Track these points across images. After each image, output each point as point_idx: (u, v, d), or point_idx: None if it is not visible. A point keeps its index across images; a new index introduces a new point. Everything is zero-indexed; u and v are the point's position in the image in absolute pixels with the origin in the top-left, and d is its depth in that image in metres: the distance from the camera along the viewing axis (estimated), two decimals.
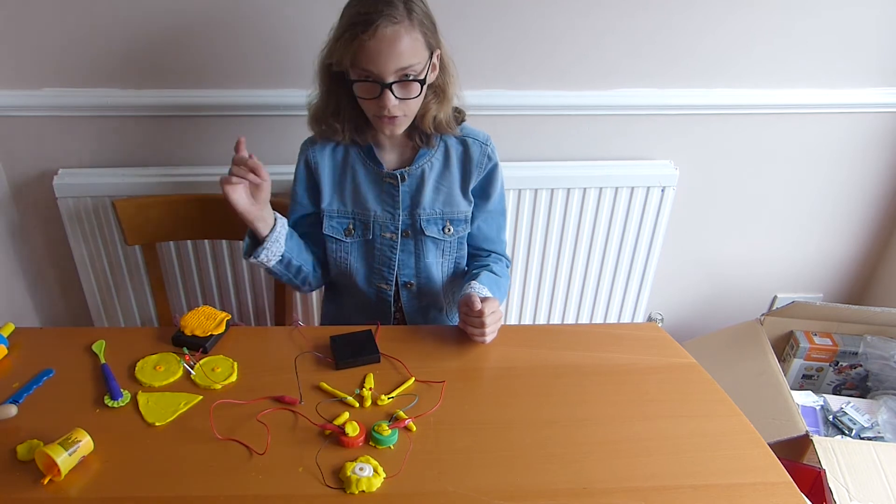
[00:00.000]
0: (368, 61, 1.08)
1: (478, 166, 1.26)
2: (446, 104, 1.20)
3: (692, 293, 2.04)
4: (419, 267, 1.31)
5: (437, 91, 1.19)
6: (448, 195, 1.27)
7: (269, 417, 1.01)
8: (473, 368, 1.13)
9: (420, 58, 1.10)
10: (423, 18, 1.11)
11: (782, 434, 1.46)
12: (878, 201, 1.91)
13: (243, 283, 1.76)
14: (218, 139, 1.62)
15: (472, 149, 1.26)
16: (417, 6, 1.10)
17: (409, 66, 1.09)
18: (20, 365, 1.10)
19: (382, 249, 1.29)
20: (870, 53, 1.66)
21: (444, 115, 1.21)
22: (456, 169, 1.27)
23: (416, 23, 1.09)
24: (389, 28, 1.06)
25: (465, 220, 1.30)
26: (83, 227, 1.63)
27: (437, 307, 1.38)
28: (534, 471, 0.94)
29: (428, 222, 1.27)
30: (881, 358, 1.77)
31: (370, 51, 1.07)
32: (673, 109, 1.68)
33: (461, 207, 1.29)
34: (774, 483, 0.93)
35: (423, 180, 1.25)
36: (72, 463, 0.90)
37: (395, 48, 1.07)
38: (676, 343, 1.20)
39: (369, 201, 1.26)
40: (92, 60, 1.49)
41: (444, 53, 1.17)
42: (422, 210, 1.26)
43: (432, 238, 1.28)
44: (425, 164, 1.25)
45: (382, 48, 1.06)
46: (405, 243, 1.29)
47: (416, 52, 1.09)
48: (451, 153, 1.26)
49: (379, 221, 1.27)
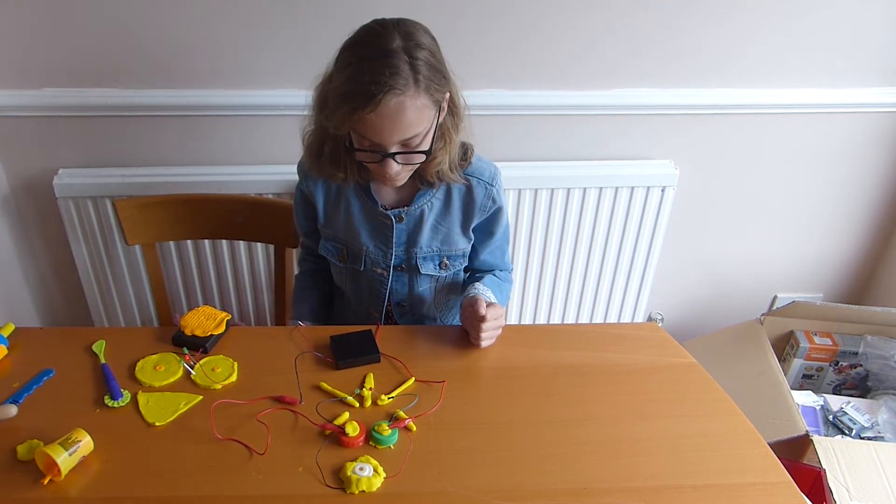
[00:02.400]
0: (370, 133, 1.00)
1: (480, 209, 1.20)
2: (453, 147, 1.13)
3: (692, 293, 2.04)
4: (413, 295, 1.29)
5: (444, 133, 1.10)
6: (447, 235, 1.22)
7: (269, 417, 1.01)
8: (473, 368, 1.13)
9: (425, 124, 1.03)
10: (431, 75, 1.00)
11: (782, 434, 1.46)
12: (878, 201, 1.91)
13: (243, 283, 1.76)
14: (218, 139, 1.62)
15: (476, 190, 1.19)
16: (423, 59, 0.99)
17: (415, 135, 1.02)
18: (20, 365, 1.09)
19: (372, 283, 1.27)
20: (870, 53, 1.66)
21: (451, 159, 1.13)
22: (457, 210, 1.21)
23: (423, 87, 0.99)
24: (394, 101, 0.97)
25: (462, 256, 1.26)
26: (83, 227, 1.63)
27: (430, 318, 1.37)
28: (534, 470, 0.94)
29: (424, 259, 1.23)
30: (881, 358, 1.77)
31: (371, 124, 0.99)
32: (673, 109, 1.68)
33: (459, 245, 1.24)
34: (774, 483, 0.93)
35: (421, 220, 1.19)
36: (72, 463, 0.90)
37: (398, 122, 0.99)
38: (676, 343, 1.19)
39: (361, 236, 1.21)
40: (92, 60, 1.50)
41: (454, 93, 1.09)
42: (418, 249, 1.21)
43: (428, 274, 1.25)
44: (425, 204, 1.19)
45: (385, 123, 0.99)
46: (399, 276, 1.25)
47: (422, 120, 1.01)
48: (453, 193, 1.19)
49: (370, 257, 1.23)
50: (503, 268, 1.35)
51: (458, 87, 1.10)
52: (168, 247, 1.68)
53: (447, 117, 1.10)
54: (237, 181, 1.61)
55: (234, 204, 1.48)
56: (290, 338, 1.17)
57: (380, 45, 0.98)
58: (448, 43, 1.16)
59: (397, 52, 0.98)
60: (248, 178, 1.61)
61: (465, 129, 1.14)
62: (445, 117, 1.10)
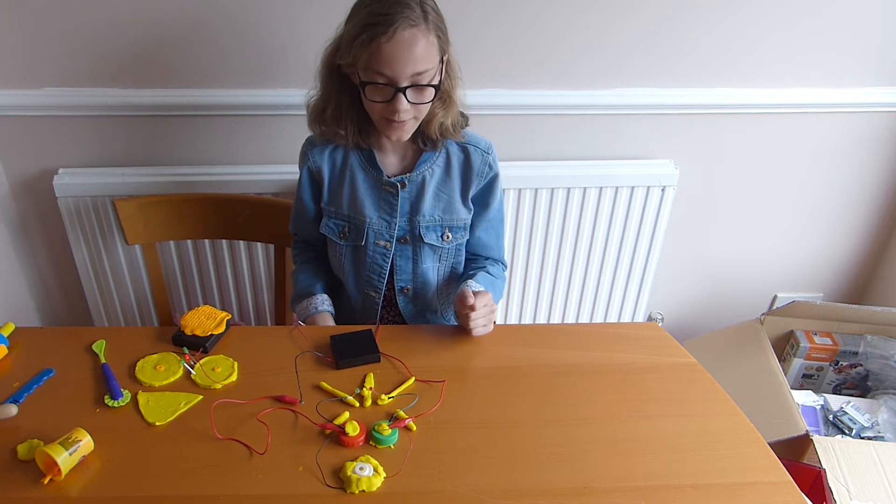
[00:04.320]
0: (384, 64, 1.05)
1: (478, 175, 1.25)
2: (452, 108, 1.18)
3: (692, 293, 2.05)
4: (416, 272, 1.30)
5: (443, 95, 1.16)
6: (448, 202, 1.26)
7: (269, 417, 1.01)
8: (474, 368, 1.13)
9: (434, 62, 1.08)
10: (437, 21, 1.08)
11: (782, 433, 1.46)
12: (878, 201, 1.91)
13: (243, 283, 1.76)
14: (218, 139, 1.62)
15: (474, 157, 1.24)
16: (431, 7, 1.08)
17: (425, 70, 1.07)
18: (20, 365, 1.10)
19: (374, 257, 1.28)
20: (870, 52, 1.66)
21: (451, 119, 1.19)
22: (457, 176, 1.25)
23: (432, 26, 1.07)
24: (408, 31, 1.03)
25: (464, 228, 1.29)
26: (83, 227, 1.63)
27: (432, 310, 1.38)
28: (534, 470, 0.94)
29: (427, 229, 1.26)
30: (881, 357, 1.77)
31: (387, 53, 1.04)
32: (673, 109, 1.68)
33: (461, 215, 1.27)
34: (774, 482, 0.93)
35: (423, 187, 1.24)
36: (72, 462, 0.90)
37: (412, 52, 1.04)
38: (677, 342, 1.19)
39: (366, 208, 1.24)
40: (92, 60, 1.50)
41: (452, 56, 1.15)
42: (421, 217, 1.25)
43: (430, 245, 1.27)
44: (426, 170, 1.23)
45: (400, 51, 1.04)
46: (403, 249, 1.28)
47: (431, 56, 1.07)
48: (452, 160, 1.25)
49: (374, 229, 1.25)
50: (498, 254, 1.37)
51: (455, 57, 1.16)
52: (168, 247, 1.68)
53: (446, 78, 1.15)
54: (237, 181, 1.61)
55: (234, 204, 1.48)
56: (291, 337, 1.17)
57: None
58: None
59: None
60: (248, 178, 1.61)
61: (461, 96, 1.20)
62: (444, 78, 1.14)
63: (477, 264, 1.35)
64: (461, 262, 1.35)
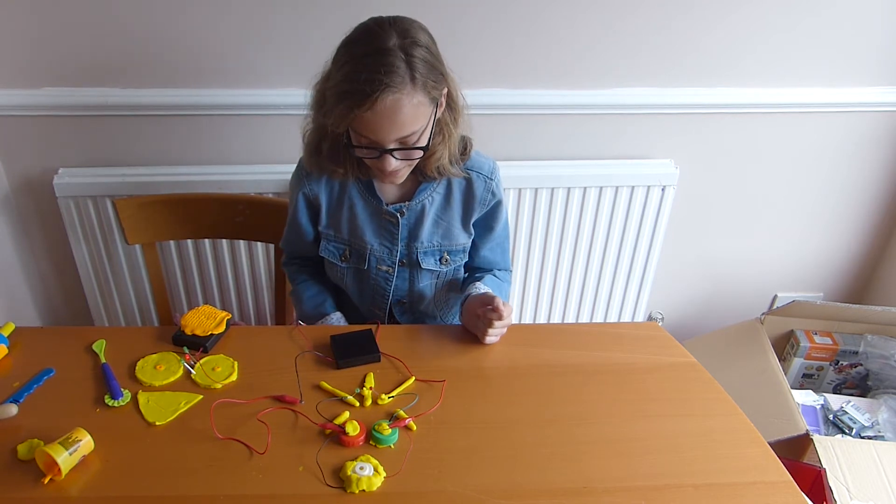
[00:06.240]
0: (367, 131, 1.01)
1: (480, 203, 1.22)
2: (452, 142, 1.13)
3: (692, 292, 2.05)
4: (413, 291, 1.29)
5: (442, 128, 1.11)
6: (447, 229, 1.23)
7: (269, 417, 1.01)
8: (473, 368, 1.13)
9: (422, 122, 1.03)
10: (427, 72, 1.01)
11: (782, 433, 1.46)
12: (878, 201, 1.91)
13: (244, 283, 1.76)
14: (218, 139, 1.62)
15: (476, 184, 1.20)
16: (419, 56, 1.00)
17: (411, 132, 1.02)
18: (20, 364, 1.09)
19: (377, 280, 1.27)
20: (870, 52, 1.66)
21: (450, 153, 1.14)
22: (457, 204, 1.22)
23: (419, 85, 1.00)
24: (390, 98, 0.97)
25: (463, 251, 1.27)
26: (83, 227, 1.63)
27: (430, 316, 1.37)
28: (534, 470, 0.94)
29: (425, 254, 1.24)
30: (881, 357, 1.77)
31: (368, 122, 1.00)
32: (673, 108, 1.68)
33: (460, 240, 1.25)
34: (774, 482, 0.93)
35: (422, 214, 1.20)
36: (72, 462, 0.90)
37: (394, 120, 0.99)
38: (677, 342, 1.19)
39: (367, 235, 1.22)
40: (92, 60, 1.50)
41: (452, 88, 1.09)
42: (419, 243, 1.22)
43: (428, 269, 1.26)
44: (426, 198, 1.20)
45: (382, 121, 0.99)
46: (400, 272, 1.26)
47: (419, 118, 1.02)
48: (453, 187, 1.20)
49: (375, 255, 1.23)
50: (504, 267, 1.35)
51: (456, 82, 1.10)
52: (168, 246, 1.68)
53: (446, 112, 1.11)
54: (237, 181, 1.61)
55: (234, 204, 1.48)
56: (291, 337, 1.17)
57: (376, 44, 0.99)
58: (447, 42, 1.16)
59: (393, 50, 0.98)
60: (248, 177, 1.62)
61: (464, 124, 1.15)
62: (444, 112, 1.10)
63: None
64: (460, 276, 1.33)
